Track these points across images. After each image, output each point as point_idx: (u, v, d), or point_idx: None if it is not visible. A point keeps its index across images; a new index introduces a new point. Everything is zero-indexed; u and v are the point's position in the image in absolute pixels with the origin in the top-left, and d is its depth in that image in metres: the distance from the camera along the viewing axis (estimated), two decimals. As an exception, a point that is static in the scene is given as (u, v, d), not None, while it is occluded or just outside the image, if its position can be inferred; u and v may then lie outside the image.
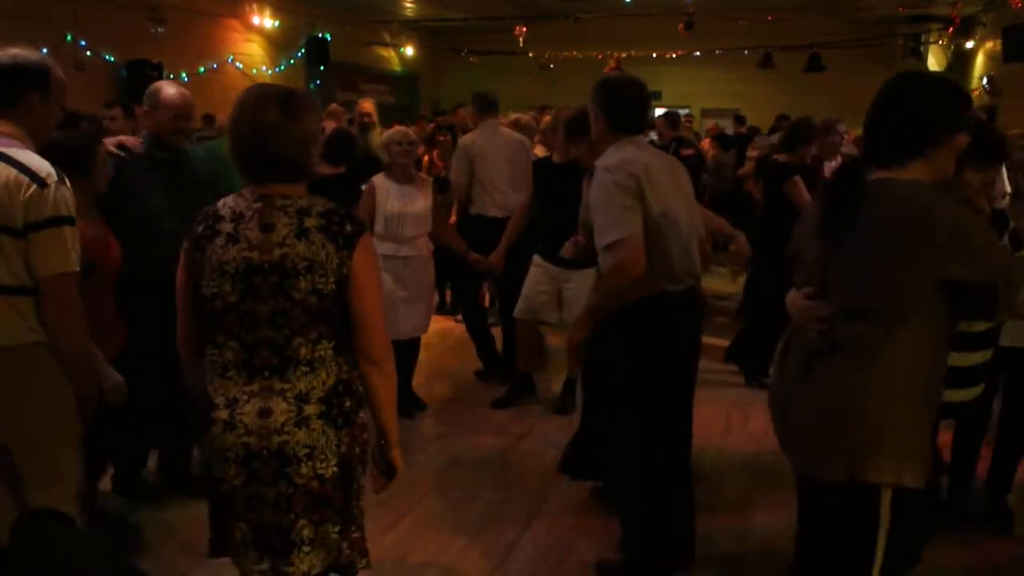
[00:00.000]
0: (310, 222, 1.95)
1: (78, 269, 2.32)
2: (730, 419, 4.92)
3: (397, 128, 4.89)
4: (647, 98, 3.10)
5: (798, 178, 5.17)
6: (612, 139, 3.03)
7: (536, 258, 4.79)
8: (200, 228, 2.03)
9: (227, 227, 1.98)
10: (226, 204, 2.03)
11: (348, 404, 2.02)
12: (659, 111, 13.97)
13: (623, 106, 3.02)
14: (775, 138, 6.61)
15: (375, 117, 7.27)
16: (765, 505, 3.77)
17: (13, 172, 2.20)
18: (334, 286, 1.94)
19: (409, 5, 14.03)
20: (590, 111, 3.11)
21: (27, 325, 2.26)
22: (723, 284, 9.00)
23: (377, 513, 3.64)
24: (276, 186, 1.98)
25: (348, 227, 1.97)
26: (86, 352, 2.40)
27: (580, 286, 4.72)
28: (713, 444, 4.53)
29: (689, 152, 8.78)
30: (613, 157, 2.94)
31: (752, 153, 9.38)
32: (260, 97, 1.96)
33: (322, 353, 1.98)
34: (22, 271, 2.23)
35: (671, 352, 3.00)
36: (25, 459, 2.24)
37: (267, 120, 1.93)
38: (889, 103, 2.02)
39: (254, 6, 12.04)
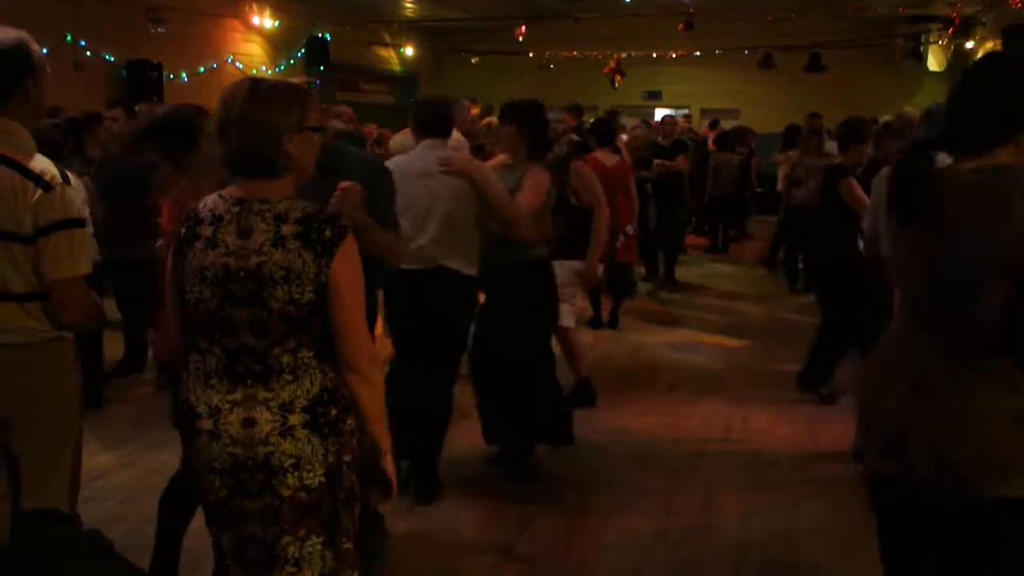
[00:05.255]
0: (287, 229, 1.86)
1: (89, 271, 2.30)
2: (730, 419, 4.92)
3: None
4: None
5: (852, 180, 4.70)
6: None
7: None
8: (183, 231, 1.97)
9: (207, 231, 1.91)
10: (206, 206, 1.96)
11: (334, 412, 1.94)
12: (659, 112, 14.04)
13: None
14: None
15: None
16: (766, 505, 3.76)
17: (17, 177, 2.15)
18: (312, 295, 1.87)
19: (409, 5, 14.04)
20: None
21: (42, 326, 2.26)
22: (724, 283, 9.03)
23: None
24: (254, 184, 1.91)
25: (328, 232, 1.87)
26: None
27: (561, 277, 4.73)
28: (713, 444, 4.53)
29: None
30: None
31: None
32: (237, 85, 1.91)
33: (305, 361, 1.91)
34: (34, 277, 2.21)
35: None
36: (29, 451, 2.24)
37: (232, 108, 1.87)
38: (984, 87, 1.90)
39: (254, 6, 12.04)
